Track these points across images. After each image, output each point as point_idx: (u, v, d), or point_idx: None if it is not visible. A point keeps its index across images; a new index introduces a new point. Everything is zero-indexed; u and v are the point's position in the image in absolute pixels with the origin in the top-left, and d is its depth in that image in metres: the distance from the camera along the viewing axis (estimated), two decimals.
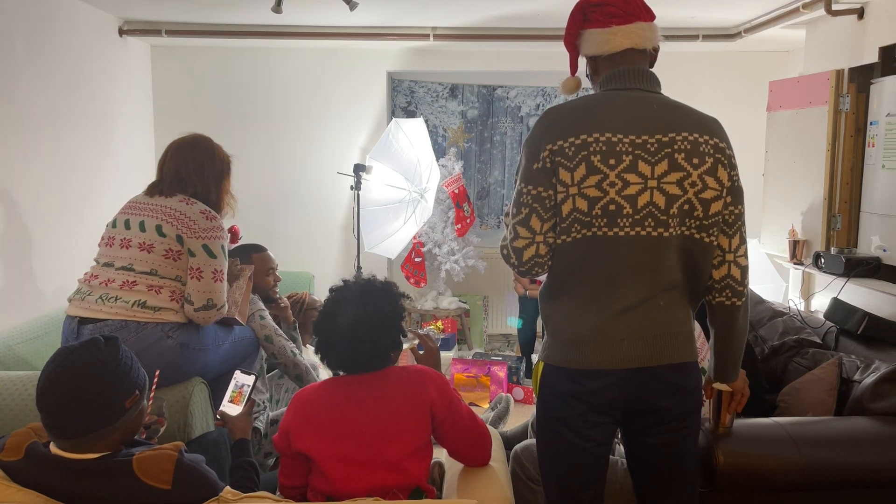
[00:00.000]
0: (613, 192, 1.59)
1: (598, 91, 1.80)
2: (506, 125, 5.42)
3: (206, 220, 2.35)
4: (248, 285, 2.68)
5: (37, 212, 3.24)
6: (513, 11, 3.88)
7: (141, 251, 2.32)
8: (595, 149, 1.60)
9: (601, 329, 1.61)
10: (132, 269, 2.31)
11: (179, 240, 2.31)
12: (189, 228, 2.32)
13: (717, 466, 1.91)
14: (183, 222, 2.32)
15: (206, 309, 2.32)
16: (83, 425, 1.51)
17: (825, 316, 2.80)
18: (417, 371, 1.84)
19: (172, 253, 2.32)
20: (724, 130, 1.78)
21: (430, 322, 4.89)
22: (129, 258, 2.32)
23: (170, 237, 2.31)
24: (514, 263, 1.66)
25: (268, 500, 1.55)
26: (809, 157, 3.35)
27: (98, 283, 2.32)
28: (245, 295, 2.64)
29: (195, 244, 2.31)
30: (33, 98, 3.30)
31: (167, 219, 2.33)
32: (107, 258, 2.37)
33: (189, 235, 2.31)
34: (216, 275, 2.33)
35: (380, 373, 1.82)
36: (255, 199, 4.93)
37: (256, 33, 4.34)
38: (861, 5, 3.16)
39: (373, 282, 1.88)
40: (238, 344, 2.60)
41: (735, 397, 1.88)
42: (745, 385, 1.88)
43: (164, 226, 2.32)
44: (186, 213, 2.34)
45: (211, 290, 2.32)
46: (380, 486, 1.70)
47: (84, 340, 1.59)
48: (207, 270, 2.31)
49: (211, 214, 2.38)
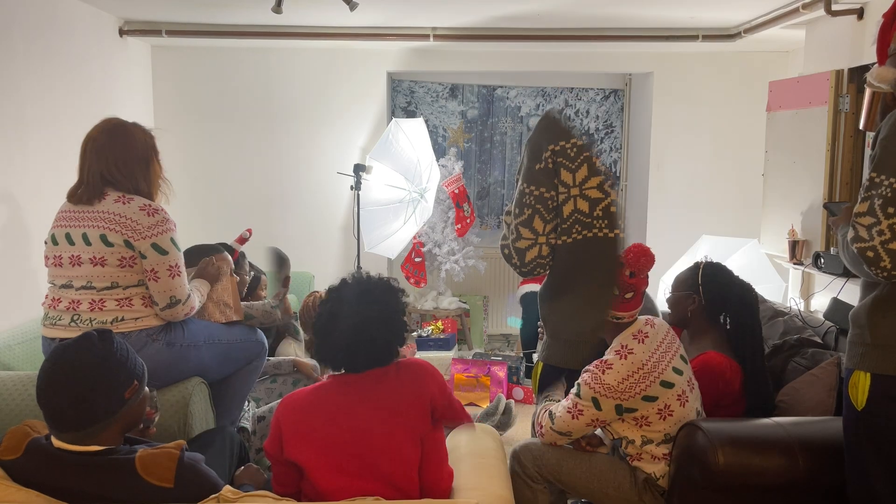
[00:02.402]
0: (615, 194, 1.59)
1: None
2: (506, 125, 5.42)
3: (147, 217, 2.22)
4: (233, 281, 2.60)
5: (37, 212, 3.24)
6: (513, 11, 3.88)
7: (94, 266, 2.21)
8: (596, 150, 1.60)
9: (601, 330, 1.61)
10: (93, 288, 2.22)
11: (128, 245, 2.20)
12: (134, 231, 2.20)
13: (717, 466, 1.91)
14: (125, 225, 2.20)
15: (171, 307, 2.25)
16: (85, 418, 1.52)
17: (825, 316, 2.80)
18: (416, 367, 1.82)
19: (126, 260, 2.22)
20: None
21: (430, 322, 4.89)
22: (85, 276, 2.22)
23: (117, 245, 2.20)
24: (515, 264, 1.67)
25: (268, 499, 1.55)
26: (809, 157, 3.35)
27: (63, 307, 2.23)
28: (234, 291, 2.58)
29: (144, 245, 2.20)
30: (33, 98, 3.30)
31: (108, 225, 2.20)
32: (63, 279, 2.26)
33: (136, 238, 2.20)
34: (172, 270, 2.24)
35: (375, 376, 1.79)
36: (255, 199, 4.94)
37: (257, 33, 4.34)
38: (861, 5, 3.16)
39: (371, 279, 1.86)
40: (242, 346, 2.56)
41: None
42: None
43: (109, 234, 2.19)
44: (126, 215, 2.21)
45: (171, 288, 2.24)
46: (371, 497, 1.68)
47: (78, 336, 1.59)
48: (162, 269, 2.22)
49: (151, 209, 2.24)
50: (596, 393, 2.06)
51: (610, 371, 2.07)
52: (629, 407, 2.06)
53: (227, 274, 2.57)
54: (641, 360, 2.09)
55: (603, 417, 2.09)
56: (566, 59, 4.89)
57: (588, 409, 2.08)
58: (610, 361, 2.08)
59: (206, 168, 4.88)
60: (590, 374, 2.10)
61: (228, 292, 2.57)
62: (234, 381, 2.59)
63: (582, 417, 2.09)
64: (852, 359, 1.76)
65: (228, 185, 4.92)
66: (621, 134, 5.44)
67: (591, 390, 2.07)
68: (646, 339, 2.12)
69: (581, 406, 2.08)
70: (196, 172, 4.82)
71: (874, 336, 1.70)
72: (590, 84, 5.38)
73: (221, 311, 2.56)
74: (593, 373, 2.09)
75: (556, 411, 2.15)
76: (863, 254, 1.63)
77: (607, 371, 2.07)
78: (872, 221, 1.62)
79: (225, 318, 2.56)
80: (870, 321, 1.72)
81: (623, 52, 4.85)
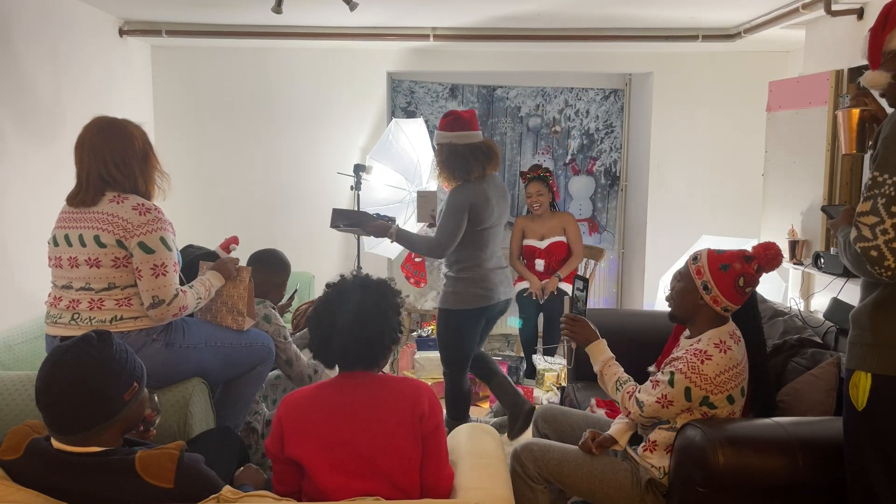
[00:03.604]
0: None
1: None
2: (506, 125, 5.42)
3: (139, 216, 2.23)
4: (249, 287, 2.58)
5: (36, 212, 3.24)
6: (513, 11, 3.88)
7: (91, 268, 2.23)
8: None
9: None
10: (91, 289, 2.24)
11: (120, 244, 2.22)
12: (125, 230, 2.21)
13: (717, 466, 1.91)
14: (118, 225, 2.21)
15: (155, 306, 2.23)
16: (84, 421, 1.51)
17: (825, 316, 2.80)
18: (414, 383, 1.83)
19: (120, 260, 2.23)
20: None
21: (430, 322, 4.89)
22: (83, 277, 2.24)
23: (110, 245, 2.21)
24: (889, 266, 1.62)
25: (268, 499, 1.55)
26: (809, 157, 3.35)
27: (64, 305, 2.26)
28: (249, 299, 2.58)
29: (132, 244, 2.21)
30: (33, 98, 3.30)
31: (102, 226, 2.22)
32: (63, 280, 2.29)
33: (126, 237, 2.21)
34: (156, 270, 2.22)
35: (374, 379, 1.81)
36: (255, 199, 4.94)
37: (256, 34, 4.34)
38: (861, 5, 3.16)
39: (368, 278, 1.89)
40: (246, 350, 2.55)
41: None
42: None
43: (102, 234, 2.21)
44: (119, 214, 2.22)
45: (154, 287, 2.22)
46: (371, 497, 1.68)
47: (77, 337, 1.59)
48: (146, 268, 2.22)
49: (144, 208, 2.25)
50: (691, 382, 2.05)
51: (709, 362, 2.06)
52: (713, 402, 2.07)
53: (245, 281, 2.56)
54: (736, 359, 2.11)
55: (687, 407, 2.09)
56: (566, 59, 4.89)
57: (678, 401, 2.07)
58: (710, 353, 2.08)
59: (205, 168, 4.88)
60: (685, 364, 2.08)
61: (244, 300, 2.55)
62: (237, 384, 2.58)
63: (672, 408, 2.09)
64: (853, 359, 1.76)
65: (228, 185, 4.92)
66: (621, 134, 5.44)
67: (685, 379, 2.06)
68: (739, 342, 2.15)
69: (671, 397, 2.08)
70: (196, 172, 4.82)
71: (875, 336, 1.70)
72: (590, 84, 5.38)
73: (234, 318, 2.55)
74: (689, 362, 2.08)
75: (644, 399, 2.13)
76: (866, 253, 1.63)
77: (706, 362, 2.06)
78: (876, 220, 1.62)
79: (237, 326, 2.54)
80: (871, 321, 1.71)
81: (623, 52, 4.85)
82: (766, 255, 2.15)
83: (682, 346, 2.23)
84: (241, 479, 2.01)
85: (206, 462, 1.62)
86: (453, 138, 3.10)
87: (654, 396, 2.10)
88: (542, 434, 2.56)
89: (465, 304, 3.15)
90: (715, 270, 2.13)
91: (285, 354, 2.76)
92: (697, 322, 2.20)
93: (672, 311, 2.29)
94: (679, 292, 2.22)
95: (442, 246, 3.08)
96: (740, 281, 2.13)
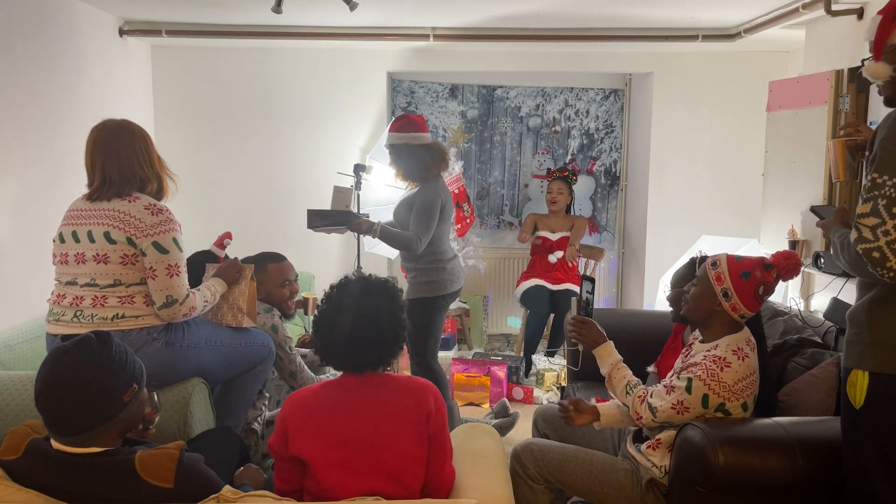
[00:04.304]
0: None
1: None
2: (506, 125, 5.42)
3: (151, 216, 2.25)
4: (251, 287, 2.60)
5: (36, 212, 3.24)
6: (513, 11, 3.88)
7: (98, 264, 2.25)
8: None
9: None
10: (96, 285, 2.25)
11: (131, 242, 2.24)
12: (137, 228, 2.23)
13: (717, 466, 1.91)
14: (129, 223, 2.24)
15: (168, 306, 2.26)
16: (83, 422, 1.51)
17: (825, 316, 2.80)
18: (419, 382, 1.83)
19: (129, 258, 2.25)
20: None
21: None
22: (89, 273, 2.26)
23: (120, 242, 2.23)
24: (891, 267, 1.62)
25: (268, 498, 1.55)
26: (809, 157, 3.35)
27: (67, 303, 2.27)
28: (251, 297, 2.59)
29: (145, 243, 2.24)
30: (33, 98, 3.30)
31: (113, 223, 2.24)
32: (67, 276, 2.30)
33: (138, 236, 2.23)
34: (171, 270, 2.26)
35: (379, 378, 1.81)
36: (255, 199, 4.94)
37: (256, 33, 4.35)
38: (861, 5, 3.16)
39: (372, 279, 1.87)
40: (246, 349, 2.55)
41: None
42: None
43: (112, 231, 2.23)
44: (131, 213, 2.25)
45: (168, 287, 2.25)
46: (374, 495, 1.68)
47: (77, 339, 1.59)
48: (160, 268, 2.24)
49: (156, 208, 2.28)
50: (710, 390, 2.03)
51: (728, 369, 2.05)
52: (729, 409, 2.05)
53: (247, 279, 2.59)
54: (753, 366, 2.09)
55: (702, 414, 2.06)
56: (566, 59, 4.89)
57: (695, 407, 2.05)
58: (729, 360, 2.06)
59: (205, 168, 4.88)
60: (704, 370, 2.06)
61: (244, 297, 2.56)
62: (237, 384, 2.58)
63: (687, 414, 2.06)
64: (850, 358, 1.76)
65: (228, 184, 4.92)
66: (621, 134, 5.44)
67: (704, 386, 2.04)
68: (755, 349, 2.13)
69: (688, 403, 2.05)
70: (196, 172, 4.82)
71: (873, 335, 1.70)
72: (590, 84, 5.38)
73: (234, 315, 2.55)
74: (709, 369, 2.05)
75: (658, 405, 2.10)
76: (868, 255, 1.63)
77: (726, 369, 2.05)
78: (877, 222, 1.62)
79: (236, 323, 2.55)
80: (868, 320, 1.72)
81: (623, 52, 4.85)
82: (786, 264, 2.12)
83: (697, 350, 2.18)
84: (241, 478, 2.01)
85: (206, 462, 1.62)
86: (408, 139, 3.33)
87: (668, 402, 2.08)
88: (542, 434, 2.56)
89: (438, 291, 3.37)
90: (736, 278, 2.10)
91: (289, 366, 2.77)
92: (712, 327, 2.17)
93: (683, 313, 2.27)
94: (694, 297, 2.19)
95: (421, 241, 3.28)
96: (760, 289, 2.10)
